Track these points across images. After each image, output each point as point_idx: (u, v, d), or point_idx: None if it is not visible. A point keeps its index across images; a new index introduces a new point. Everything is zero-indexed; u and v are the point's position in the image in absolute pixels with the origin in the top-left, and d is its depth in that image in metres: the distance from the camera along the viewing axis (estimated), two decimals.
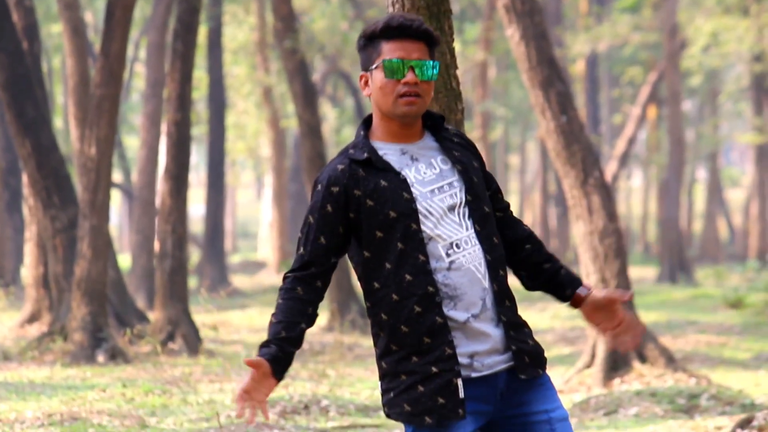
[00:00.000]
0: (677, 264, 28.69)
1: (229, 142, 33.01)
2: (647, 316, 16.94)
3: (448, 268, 3.42)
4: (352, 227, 3.47)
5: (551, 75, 11.02)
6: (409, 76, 3.44)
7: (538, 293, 3.82)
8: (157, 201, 18.00)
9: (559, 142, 11.01)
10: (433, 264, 3.42)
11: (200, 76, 29.09)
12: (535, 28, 11.03)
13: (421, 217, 3.42)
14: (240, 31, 31.08)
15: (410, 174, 3.46)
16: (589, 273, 11.05)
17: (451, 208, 3.46)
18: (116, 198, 45.44)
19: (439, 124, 3.58)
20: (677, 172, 28.31)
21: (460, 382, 3.39)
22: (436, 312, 3.40)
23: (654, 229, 43.46)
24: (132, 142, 41.84)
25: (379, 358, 3.46)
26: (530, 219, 44.42)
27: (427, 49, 3.50)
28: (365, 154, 3.46)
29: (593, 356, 11.12)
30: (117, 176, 33.02)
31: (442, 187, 3.47)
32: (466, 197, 3.48)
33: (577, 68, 32.91)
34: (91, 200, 12.89)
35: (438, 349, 3.39)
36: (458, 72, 4.94)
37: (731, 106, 44.98)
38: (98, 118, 12.90)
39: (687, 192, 39.26)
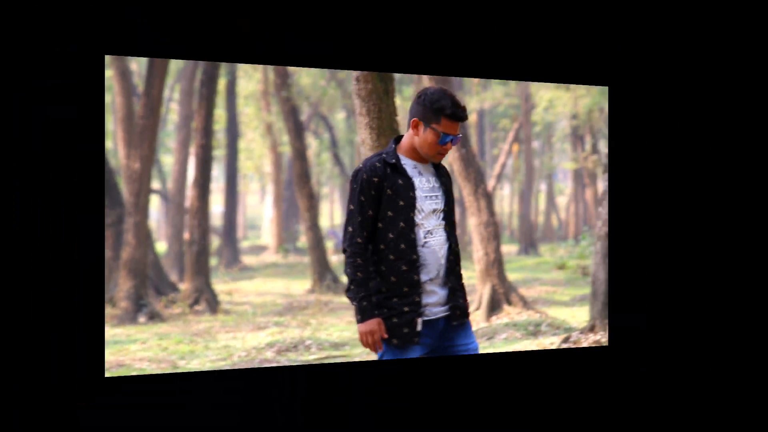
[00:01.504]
0: (529, 243, 30.30)
1: (240, 161, 32.88)
2: (512, 276, 17.59)
3: (423, 246, 3.82)
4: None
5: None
6: (449, 145, 3.85)
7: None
8: (187, 203, 18.00)
9: (461, 166, 11.60)
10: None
11: (220, 113, 28.98)
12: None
13: (416, 210, 3.80)
14: (249, 82, 31.02)
15: (416, 181, 3.83)
16: (478, 249, 11.72)
17: (434, 211, 3.85)
18: (155, 201, 45.11)
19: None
20: (529, 185, 30.06)
21: (420, 320, 3.78)
22: (415, 272, 3.78)
23: (516, 221, 44.72)
24: (167, 159, 41.55)
25: (373, 294, 3.79)
26: None
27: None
28: (393, 160, 3.84)
29: (480, 302, 11.71)
30: (156, 184, 32.87)
31: (431, 196, 3.86)
32: (444, 207, 3.87)
33: (472, 119, 33.68)
34: (134, 203, 12.91)
35: (410, 297, 3.79)
36: (397, 118, 5.09)
37: (560, 146, 46.64)
38: (141, 142, 12.89)
39: (535, 198, 40.65)
